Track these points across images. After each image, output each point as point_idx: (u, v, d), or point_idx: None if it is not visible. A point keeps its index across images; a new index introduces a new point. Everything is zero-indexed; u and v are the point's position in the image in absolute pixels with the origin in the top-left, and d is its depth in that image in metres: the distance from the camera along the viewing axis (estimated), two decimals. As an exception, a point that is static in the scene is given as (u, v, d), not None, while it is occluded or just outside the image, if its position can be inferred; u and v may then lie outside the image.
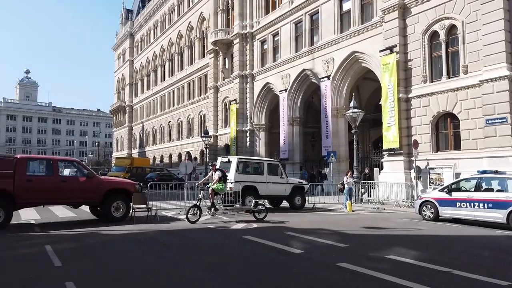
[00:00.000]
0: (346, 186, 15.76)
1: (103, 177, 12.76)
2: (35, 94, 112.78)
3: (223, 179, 11.96)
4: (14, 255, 6.95)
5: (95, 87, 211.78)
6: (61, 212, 13.06)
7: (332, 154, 20.87)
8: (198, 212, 11.16)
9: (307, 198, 16.30)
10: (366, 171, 21.99)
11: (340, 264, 6.30)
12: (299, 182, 16.81)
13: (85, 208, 12.68)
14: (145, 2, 59.50)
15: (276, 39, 30.09)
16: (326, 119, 24.45)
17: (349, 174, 16.23)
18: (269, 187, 15.23)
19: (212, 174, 12.23)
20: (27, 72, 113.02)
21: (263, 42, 31.46)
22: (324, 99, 24.66)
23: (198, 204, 11.35)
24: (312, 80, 26.88)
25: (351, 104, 18.31)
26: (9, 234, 8.97)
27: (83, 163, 12.10)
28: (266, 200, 16.43)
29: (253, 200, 12.80)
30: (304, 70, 26.91)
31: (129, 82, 62.74)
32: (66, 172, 11.30)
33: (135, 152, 59.79)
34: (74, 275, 5.50)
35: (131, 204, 11.35)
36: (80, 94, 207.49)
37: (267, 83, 30.48)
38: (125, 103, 63.37)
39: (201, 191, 11.71)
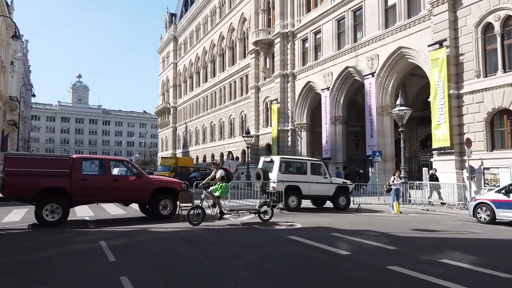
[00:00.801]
0: (393, 186, 15.23)
1: (151, 176, 13.22)
2: (87, 97, 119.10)
3: (226, 178, 11.04)
4: (72, 250, 7.35)
5: (141, 90, 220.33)
6: (113, 210, 13.66)
7: (377, 154, 20.28)
8: (202, 213, 10.40)
9: (351, 198, 15.92)
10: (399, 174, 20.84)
11: (390, 267, 6.09)
12: (343, 182, 16.49)
13: (135, 206, 13.17)
14: (188, 6, 60.99)
15: (317, 37, 29.71)
16: (371, 117, 23.79)
17: (396, 174, 15.68)
18: (312, 187, 15.06)
19: (215, 173, 11.22)
20: (79, 76, 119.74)
21: (304, 40, 31.18)
22: (368, 97, 24.01)
23: (200, 204, 10.62)
24: (355, 77, 26.27)
25: (398, 102, 17.67)
26: (66, 230, 9.52)
27: (133, 162, 12.59)
28: (309, 200, 16.29)
29: (259, 200, 12.20)
30: (347, 67, 26.36)
31: (173, 84, 64.62)
32: (117, 171, 11.83)
33: (179, 152, 61.48)
34: (127, 270, 5.73)
35: (178, 202, 11.68)
36: (127, 97, 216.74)
37: (309, 81, 30.18)
38: (169, 105, 65.33)
39: (204, 191, 10.82)
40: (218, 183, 10.86)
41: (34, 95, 48.19)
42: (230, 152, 43.82)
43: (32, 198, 10.07)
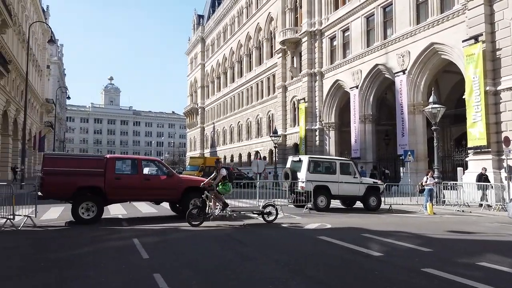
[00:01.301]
0: (426, 187, 14.77)
1: (181, 175, 13.43)
2: (118, 99, 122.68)
3: (228, 178, 10.80)
4: (107, 247, 7.58)
5: (170, 91, 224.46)
6: (144, 208, 13.98)
7: (409, 153, 19.72)
8: (202, 214, 10.14)
9: (382, 199, 15.57)
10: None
11: (425, 269, 5.90)
12: (373, 182, 16.15)
13: (165, 204, 13.41)
14: (215, 7, 61.59)
15: (346, 34, 29.27)
16: (402, 116, 23.19)
17: (429, 174, 15.19)
18: (341, 187, 14.84)
19: (216, 173, 10.93)
20: (111, 79, 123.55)
21: (332, 38, 30.80)
22: (399, 94, 23.42)
23: (201, 205, 10.35)
24: (385, 75, 25.70)
25: (430, 99, 17.11)
26: (101, 228, 9.82)
27: (163, 162, 12.83)
28: (338, 200, 16.08)
29: (263, 201, 11.91)
30: (376, 65, 25.82)
31: (201, 84, 65.45)
32: (148, 170, 12.08)
33: (207, 152, 62.21)
34: (160, 267, 5.83)
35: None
36: (157, 98, 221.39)
37: (337, 80, 29.78)
38: (197, 105, 66.21)
39: (205, 192, 10.48)
40: (220, 183, 10.64)
41: (69, 97, 50.19)
42: (257, 152, 43.92)
43: (69, 196, 10.45)
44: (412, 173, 20.70)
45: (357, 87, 27.33)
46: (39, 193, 10.39)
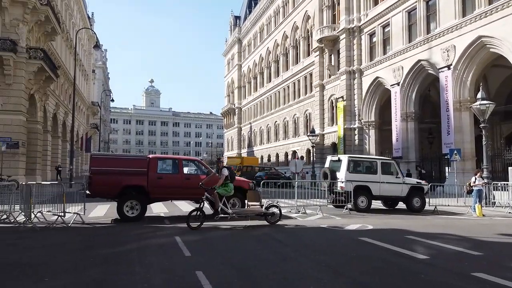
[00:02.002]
0: (474, 187, 14.03)
1: (219, 175, 13.58)
2: (158, 101, 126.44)
3: (230, 178, 10.13)
4: (151, 244, 7.81)
5: (208, 92, 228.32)
6: (185, 207, 14.29)
7: (455, 152, 18.82)
8: (201, 216, 9.51)
9: (427, 199, 14.95)
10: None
11: (475, 274, 5.60)
12: (417, 182, 15.56)
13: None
14: (252, 8, 61.93)
15: (386, 30, 28.45)
16: (447, 113, 22.20)
17: (478, 174, 14.42)
18: (383, 187, 14.42)
19: (217, 173, 10.33)
20: (151, 81, 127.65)
21: (371, 35, 30.04)
22: (444, 91, 22.44)
23: (201, 206, 9.72)
24: (428, 71, 24.71)
25: (479, 95, 16.22)
26: (145, 225, 10.15)
27: (203, 162, 13.05)
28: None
29: (266, 201, 11.24)
30: (419, 61, 24.89)
31: (238, 85, 66.05)
32: (188, 170, 12.34)
33: (244, 152, 62.68)
34: (202, 265, 5.93)
35: (246, 201, 11.88)
36: (195, 99, 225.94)
37: (377, 77, 29.00)
38: (234, 106, 66.89)
39: (205, 193, 9.84)
40: (222, 184, 9.92)
41: (113, 100, 52.21)
42: (294, 152, 43.68)
43: (115, 195, 10.89)
44: (459, 173, 19.75)
45: (398, 84, 26.47)
46: (87, 192, 10.90)
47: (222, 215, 9.93)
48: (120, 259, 6.38)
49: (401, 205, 15.26)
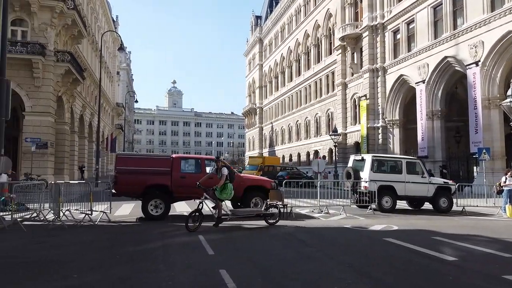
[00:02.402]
0: (505, 187, 13.53)
1: (242, 174, 13.65)
2: (181, 101, 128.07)
3: (229, 178, 9.48)
4: (175, 243, 7.91)
5: (229, 92, 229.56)
6: (207, 206, 14.38)
7: (484, 151, 18.20)
8: (200, 218, 9.13)
9: (454, 200, 14.52)
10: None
11: (507, 276, 5.40)
12: (444, 182, 15.15)
13: (227, 203, 13.70)
14: (273, 7, 61.84)
15: (411, 27, 27.83)
16: (475, 111, 21.51)
17: (509, 173, 13.89)
18: (408, 187, 14.11)
19: (216, 172, 9.69)
20: (174, 82, 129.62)
21: (395, 32, 29.46)
22: (472, 88, 21.75)
23: (200, 208, 9.24)
24: (455, 68, 24.02)
25: (509, 92, 15.60)
26: (169, 224, 10.30)
27: (225, 161, 13.11)
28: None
29: (264, 202, 10.65)
30: (445, 57, 24.22)
31: (259, 85, 66.12)
32: (210, 169, 12.42)
33: (265, 152, 62.69)
34: (225, 264, 5.96)
35: (268, 200, 11.86)
36: (217, 99, 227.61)
37: (401, 75, 28.41)
38: (255, 105, 66.99)
39: (204, 193, 9.38)
40: (222, 184, 9.32)
41: (136, 101, 53.36)
42: (316, 151, 43.35)
43: (139, 194, 11.09)
44: (488, 172, 19.10)
45: (423, 81, 25.85)
46: (113, 191, 11.14)
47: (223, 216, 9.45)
48: (145, 257, 6.49)
49: (427, 205, 14.90)
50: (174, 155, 12.03)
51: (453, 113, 27.33)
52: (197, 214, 9.11)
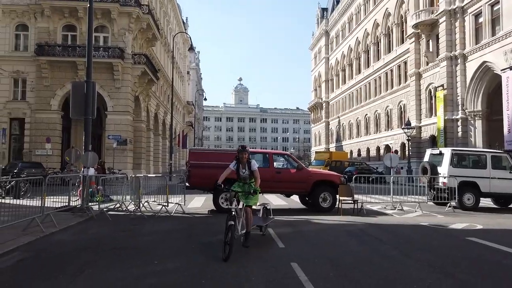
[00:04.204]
0: None
1: (310, 169, 13.52)
2: (246, 98, 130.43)
3: (253, 175, 6.61)
4: (246, 234, 8.07)
5: (294, 87, 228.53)
6: (275, 200, 14.50)
7: None
8: (229, 247, 5.77)
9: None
10: None
11: None
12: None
13: (295, 197, 13.68)
14: (339, -2, 60.18)
15: (495, 8, 25.28)
16: None
17: None
18: (493, 183, 12.91)
19: (237, 167, 6.68)
20: (240, 79, 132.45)
21: (477, 15, 26.97)
22: None
23: (229, 237, 5.87)
24: (550, 51, 21.36)
25: None
26: (239, 216, 10.53)
27: (293, 156, 13.10)
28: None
29: (263, 206, 8.12)
30: (537, 40, 21.65)
31: (325, 79, 64.84)
32: (278, 164, 12.48)
33: (332, 147, 61.42)
34: (296, 257, 5.95)
35: (337, 195, 11.62)
36: (282, 95, 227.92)
37: (484, 62, 25.97)
38: (321, 100, 65.85)
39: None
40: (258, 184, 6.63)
41: (205, 99, 55.27)
42: (387, 146, 41.44)
43: (211, 187, 11.47)
44: None
45: (511, 68, 23.37)
46: (187, 184, 11.69)
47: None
48: (218, 248, 6.69)
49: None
50: (242, 150, 12.26)
51: (547, 102, 24.36)
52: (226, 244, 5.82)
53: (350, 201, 11.36)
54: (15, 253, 6.07)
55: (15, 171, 18.72)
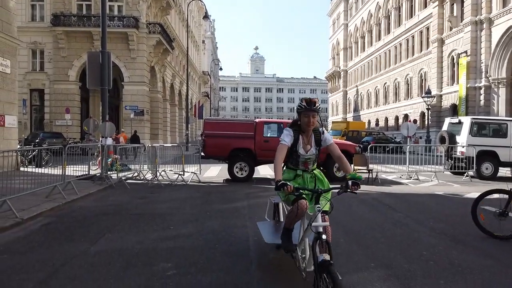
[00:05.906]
0: None
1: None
2: (263, 68, 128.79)
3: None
4: (259, 203, 8.13)
5: (311, 56, 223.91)
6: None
7: None
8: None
9: None
10: None
11: None
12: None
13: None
14: (359, -40, 57.53)
15: (525, -32, 23.81)
16: None
17: None
18: (514, 153, 12.62)
19: (299, 139, 3.66)
20: (256, 48, 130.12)
21: (505, -25, 25.49)
22: None
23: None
24: None
25: None
26: (253, 186, 10.71)
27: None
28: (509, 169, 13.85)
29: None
30: None
31: (344, 46, 63.17)
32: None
33: (349, 116, 60.66)
34: (309, 224, 6.04)
35: (352, 165, 11.59)
36: (298, 64, 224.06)
37: (511, 26, 24.76)
38: (339, 68, 64.48)
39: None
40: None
41: (221, 69, 54.98)
42: (406, 115, 40.68)
43: (225, 157, 11.65)
44: None
45: (539, 32, 22.27)
46: (202, 154, 11.87)
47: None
48: (233, 214, 6.88)
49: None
50: (257, 120, 12.29)
51: None
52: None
53: (365, 171, 11.35)
54: (40, 218, 6.38)
55: (37, 141, 19.32)
